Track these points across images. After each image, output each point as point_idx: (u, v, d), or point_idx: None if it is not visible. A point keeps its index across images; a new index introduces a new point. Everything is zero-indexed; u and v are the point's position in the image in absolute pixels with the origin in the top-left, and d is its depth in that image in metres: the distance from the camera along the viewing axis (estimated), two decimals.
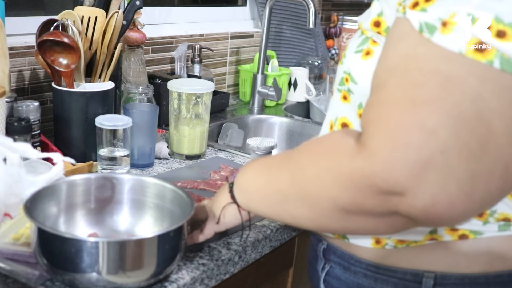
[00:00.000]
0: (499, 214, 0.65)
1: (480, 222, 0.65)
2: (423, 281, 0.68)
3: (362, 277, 0.73)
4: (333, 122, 0.77)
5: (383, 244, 0.70)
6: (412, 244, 0.69)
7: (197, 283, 0.82)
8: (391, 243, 0.69)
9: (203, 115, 1.29)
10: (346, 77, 0.72)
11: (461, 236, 0.66)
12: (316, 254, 0.82)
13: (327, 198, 0.59)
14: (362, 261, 0.73)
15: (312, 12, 1.59)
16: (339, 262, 0.76)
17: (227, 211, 0.78)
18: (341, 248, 0.75)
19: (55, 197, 0.84)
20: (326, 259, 0.79)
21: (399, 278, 0.70)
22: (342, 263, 0.76)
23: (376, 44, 0.67)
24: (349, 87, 0.72)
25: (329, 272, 0.79)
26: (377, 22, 0.65)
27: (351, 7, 2.57)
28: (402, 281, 0.69)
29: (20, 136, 1.08)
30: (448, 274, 0.67)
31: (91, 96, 1.17)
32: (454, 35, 0.51)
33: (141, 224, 0.88)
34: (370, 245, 0.71)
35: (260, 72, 1.83)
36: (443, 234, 0.66)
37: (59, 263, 0.71)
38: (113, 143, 1.13)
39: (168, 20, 1.77)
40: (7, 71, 1.12)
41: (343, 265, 0.76)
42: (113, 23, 1.19)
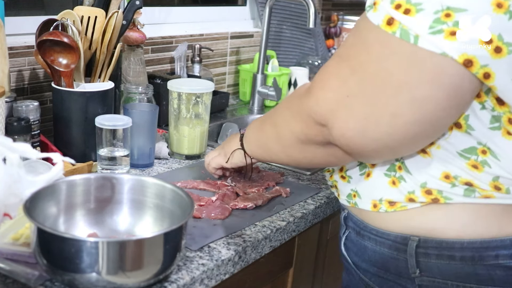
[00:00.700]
0: (462, 179, 0.75)
1: (448, 185, 0.76)
2: (408, 244, 0.80)
3: (367, 240, 0.86)
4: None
5: (378, 208, 0.82)
6: (399, 209, 0.80)
7: (197, 283, 0.82)
8: (384, 207, 0.81)
9: (203, 115, 1.29)
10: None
11: (434, 199, 0.77)
12: (340, 222, 0.95)
13: (289, 131, 0.82)
14: (367, 226, 0.85)
15: (312, 12, 1.59)
16: (354, 228, 0.89)
17: (236, 154, 1.05)
18: (356, 215, 0.88)
19: (54, 197, 0.83)
20: (346, 225, 0.93)
21: (392, 240, 0.82)
22: (356, 228, 0.89)
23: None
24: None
25: (347, 236, 0.92)
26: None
27: (351, 7, 2.57)
28: (394, 243, 0.82)
29: (20, 136, 1.08)
30: (429, 238, 0.78)
31: (91, 96, 1.17)
32: (377, 13, 0.68)
33: (141, 224, 0.88)
34: (369, 208, 0.83)
35: (260, 72, 1.83)
36: (419, 196, 0.78)
37: (59, 263, 0.71)
38: (113, 143, 1.13)
39: (168, 20, 1.77)
40: (6, 71, 1.12)
41: (356, 230, 0.89)
42: (113, 23, 1.19)
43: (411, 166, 0.78)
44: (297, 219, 1.04)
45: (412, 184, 0.78)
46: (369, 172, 0.83)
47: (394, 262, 0.82)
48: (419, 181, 0.77)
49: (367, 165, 0.84)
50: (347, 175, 0.88)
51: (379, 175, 0.82)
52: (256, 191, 1.11)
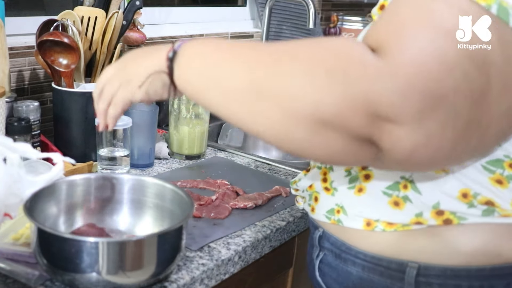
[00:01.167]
0: (482, 197, 0.64)
1: (465, 205, 0.65)
2: (406, 271, 0.68)
3: (351, 265, 0.73)
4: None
5: (373, 227, 0.69)
6: (400, 229, 0.68)
7: (197, 283, 0.82)
8: (381, 226, 0.69)
9: (203, 115, 1.29)
10: None
11: (445, 220, 0.66)
12: (312, 242, 0.82)
13: (311, 102, 0.51)
14: (352, 248, 0.73)
15: (312, 12, 1.59)
16: (331, 249, 0.76)
17: (155, 80, 0.65)
18: (335, 235, 0.75)
19: (55, 197, 0.84)
20: (320, 246, 0.79)
21: (384, 267, 0.70)
22: (334, 250, 0.76)
23: None
24: None
25: (322, 259, 0.79)
26: (382, 5, 0.63)
27: (351, 7, 2.57)
28: (387, 270, 0.70)
29: (20, 136, 1.08)
30: (431, 265, 0.67)
31: (91, 96, 1.16)
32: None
33: (141, 224, 0.88)
34: (361, 227, 0.70)
35: None
36: (428, 218, 0.66)
37: (59, 263, 0.71)
38: (113, 143, 1.13)
39: (168, 20, 1.77)
40: (7, 71, 1.12)
41: (335, 252, 0.76)
42: (113, 23, 1.19)
43: (422, 185, 0.66)
44: (297, 219, 1.04)
45: (420, 205, 0.66)
46: (361, 187, 0.70)
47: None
48: (430, 202, 0.65)
49: (359, 178, 0.70)
50: (332, 187, 0.74)
51: (375, 192, 0.69)
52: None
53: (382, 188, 0.68)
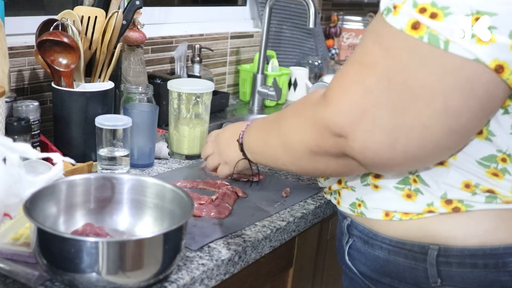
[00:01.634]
0: (483, 187, 0.73)
1: (469, 193, 0.73)
2: (428, 253, 0.76)
3: (378, 249, 0.82)
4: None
5: (391, 217, 0.79)
6: (415, 217, 0.77)
7: (197, 283, 0.82)
8: (398, 216, 0.78)
9: (203, 115, 1.29)
10: None
11: (454, 208, 0.74)
12: (342, 230, 0.91)
13: (299, 142, 0.76)
14: (378, 235, 0.81)
15: (312, 12, 1.59)
16: (360, 236, 0.85)
17: (240, 164, 1.00)
18: (362, 224, 0.84)
19: (54, 197, 0.84)
20: (349, 234, 0.88)
21: (408, 250, 0.78)
22: (363, 237, 0.84)
23: None
24: None
25: (352, 245, 0.88)
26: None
27: (351, 7, 2.57)
28: (411, 253, 0.78)
29: (20, 136, 1.08)
30: (450, 247, 0.75)
31: (91, 96, 1.17)
32: (399, 17, 0.64)
33: (141, 224, 0.88)
34: (381, 217, 0.80)
35: (260, 72, 1.83)
36: (439, 207, 0.75)
37: (59, 263, 0.71)
38: (113, 143, 1.13)
39: (168, 20, 1.77)
40: (6, 71, 1.12)
41: (363, 239, 0.84)
42: (113, 23, 1.19)
43: (427, 178, 0.75)
44: (297, 219, 1.04)
45: (430, 196, 0.75)
46: (376, 184, 0.80)
47: (411, 271, 0.79)
48: (438, 192, 0.75)
49: (370, 177, 0.80)
50: (349, 186, 0.85)
51: (389, 188, 0.79)
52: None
53: (393, 183, 0.78)
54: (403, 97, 0.64)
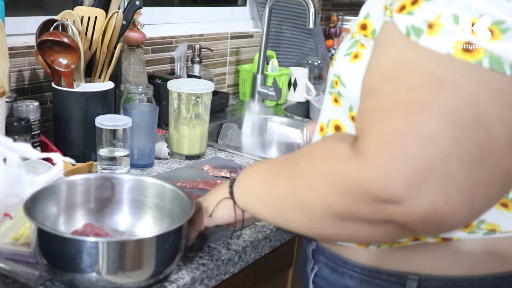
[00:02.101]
0: (486, 224, 0.64)
1: (465, 233, 0.65)
2: (407, 283, 0.67)
3: (348, 279, 0.73)
4: (325, 124, 0.76)
5: (366, 245, 0.70)
6: (396, 245, 0.68)
7: (197, 283, 0.82)
8: (374, 245, 0.69)
9: (203, 115, 1.29)
10: (336, 80, 0.72)
11: (444, 238, 0.66)
12: (306, 255, 0.82)
13: (320, 203, 0.58)
14: (348, 262, 0.72)
15: (312, 12, 1.59)
16: (327, 263, 0.76)
17: (221, 206, 0.77)
18: (329, 249, 0.75)
19: (55, 197, 0.84)
20: (315, 260, 0.79)
21: (383, 280, 0.69)
22: (330, 264, 0.75)
23: (364, 47, 0.67)
24: (339, 90, 0.72)
25: (317, 273, 0.78)
26: (363, 25, 0.65)
27: (351, 7, 2.57)
28: (386, 283, 0.69)
29: (20, 136, 1.08)
30: (432, 276, 0.67)
31: (91, 96, 1.17)
32: (441, 37, 0.51)
33: (141, 224, 0.88)
34: (354, 245, 0.71)
35: (260, 72, 1.83)
36: (427, 236, 0.66)
37: (59, 263, 0.71)
38: (113, 143, 1.13)
39: (168, 20, 1.77)
40: (7, 71, 1.12)
41: (331, 266, 0.75)
42: (113, 23, 1.19)
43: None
44: None
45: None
46: None
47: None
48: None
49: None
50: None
51: None
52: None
53: None
54: (479, 141, 0.50)
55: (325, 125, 0.76)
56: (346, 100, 0.71)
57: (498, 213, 0.64)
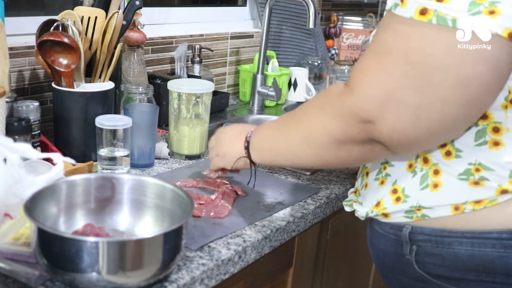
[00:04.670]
0: None
1: None
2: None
3: (458, 245, 0.79)
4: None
5: (462, 210, 0.77)
6: (489, 205, 0.76)
7: (197, 283, 0.83)
8: (469, 207, 0.77)
9: (203, 115, 1.29)
10: None
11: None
12: (399, 241, 0.85)
13: (323, 131, 0.78)
14: (455, 231, 0.79)
15: (312, 12, 1.59)
16: (429, 239, 0.81)
17: (240, 161, 1.00)
18: (429, 226, 0.81)
19: (55, 197, 0.84)
20: (412, 241, 0.83)
21: (495, 238, 0.76)
22: (433, 239, 0.81)
23: None
24: None
25: (418, 252, 0.83)
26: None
27: (351, 7, 2.57)
28: (499, 241, 0.76)
29: (20, 136, 1.08)
30: None
31: (91, 96, 1.17)
32: (407, 7, 0.70)
33: (141, 224, 0.88)
34: (450, 213, 0.78)
35: (260, 72, 1.83)
36: (509, 186, 0.75)
37: (59, 263, 0.71)
38: (113, 143, 1.13)
39: (168, 20, 1.77)
40: (7, 71, 1.12)
41: (435, 240, 0.81)
42: (113, 23, 1.19)
43: (489, 163, 0.76)
44: (297, 219, 1.05)
45: (497, 179, 0.75)
46: (435, 183, 0.79)
47: (501, 261, 0.76)
48: (504, 173, 0.75)
49: (429, 176, 0.79)
50: (403, 195, 0.82)
51: (452, 181, 0.78)
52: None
53: (456, 175, 0.77)
54: (421, 75, 0.69)
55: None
56: None
57: None
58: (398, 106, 0.70)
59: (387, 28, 0.73)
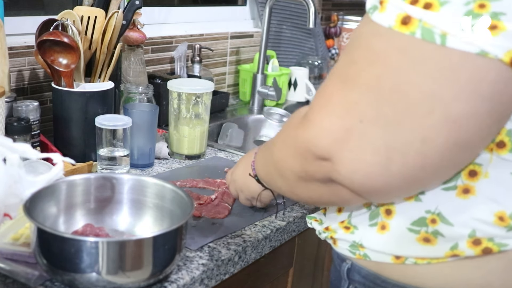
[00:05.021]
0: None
1: (503, 229, 0.61)
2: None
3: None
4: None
5: (403, 261, 0.67)
6: (434, 261, 0.65)
7: (197, 283, 0.82)
8: (412, 260, 0.66)
9: (203, 115, 1.29)
10: None
11: (484, 249, 0.62)
12: (340, 275, 0.79)
13: (287, 168, 0.69)
14: (388, 281, 0.69)
15: (312, 12, 1.59)
16: (364, 283, 0.73)
17: (263, 195, 0.94)
18: (366, 268, 0.72)
19: (54, 197, 0.84)
20: (350, 279, 0.76)
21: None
22: (368, 284, 0.73)
23: None
24: None
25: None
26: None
27: (351, 7, 2.57)
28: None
29: (20, 136, 1.08)
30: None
31: (91, 96, 1.17)
32: (386, 12, 0.55)
33: (141, 224, 0.88)
34: (390, 260, 0.68)
35: (260, 72, 1.83)
36: (465, 249, 0.62)
37: (59, 263, 0.71)
38: (113, 143, 1.13)
39: (168, 20, 1.77)
40: (6, 71, 1.12)
41: (369, 286, 0.73)
42: (113, 23, 1.19)
43: (451, 216, 0.62)
44: (297, 219, 1.04)
45: (454, 237, 0.63)
46: (383, 224, 0.68)
47: None
48: (465, 231, 0.62)
49: (380, 214, 0.68)
50: (351, 225, 0.72)
51: (400, 230, 0.66)
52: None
53: (407, 224, 0.65)
54: (395, 106, 0.55)
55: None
56: None
57: None
58: (360, 143, 0.56)
59: (358, 42, 0.59)
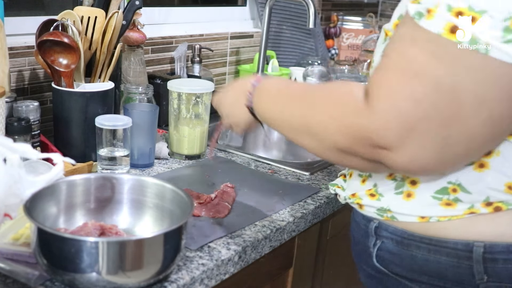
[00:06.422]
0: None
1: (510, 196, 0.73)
2: (473, 250, 0.75)
3: (415, 249, 0.79)
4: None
5: (427, 220, 0.77)
6: (453, 218, 0.75)
7: (197, 283, 0.82)
8: (435, 218, 0.76)
9: (203, 115, 1.29)
10: None
11: (495, 208, 0.73)
12: (367, 232, 0.86)
13: (329, 140, 0.72)
14: (415, 235, 0.79)
15: (312, 12, 1.59)
16: (391, 238, 0.82)
17: (251, 126, 0.96)
18: (393, 225, 0.81)
19: (54, 197, 0.84)
20: (377, 235, 0.84)
21: (451, 248, 0.76)
22: (395, 238, 0.81)
23: None
24: None
25: (381, 247, 0.84)
26: (396, 24, 0.75)
27: (351, 7, 2.57)
28: (454, 251, 0.76)
29: (20, 136, 1.08)
30: (495, 243, 0.74)
31: (91, 96, 1.17)
32: (434, 20, 0.63)
33: (141, 224, 0.88)
34: (416, 220, 0.78)
35: (260, 72, 1.83)
36: (480, 208, 0.74)
37: (59, 263, 0.71)
38: (113, 143, 1.13)
39: (168, 20, 1.77)
40: (7, 71, 1.12)
41: (396, 240, 0.81)
42: (113, 23, 1.19)
43: (469, 185, 0.74)
44: (297, 219, 1.05)
45: (471, 202, 0.74)
46: (409, 193, 0.78)
47: (453, 269, 0.77)
48: (480, 197, 0.74)
49: (406, 184, 0.78)
50: (378, 193, 0.82)
51: (425, 197, 0.77)
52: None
53: (431, 193, 0.76)
54: (451, 106, 0.63)
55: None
56: None
57: None
58: (423, 139, 0.64)
59: (413, 43, 0.65)
